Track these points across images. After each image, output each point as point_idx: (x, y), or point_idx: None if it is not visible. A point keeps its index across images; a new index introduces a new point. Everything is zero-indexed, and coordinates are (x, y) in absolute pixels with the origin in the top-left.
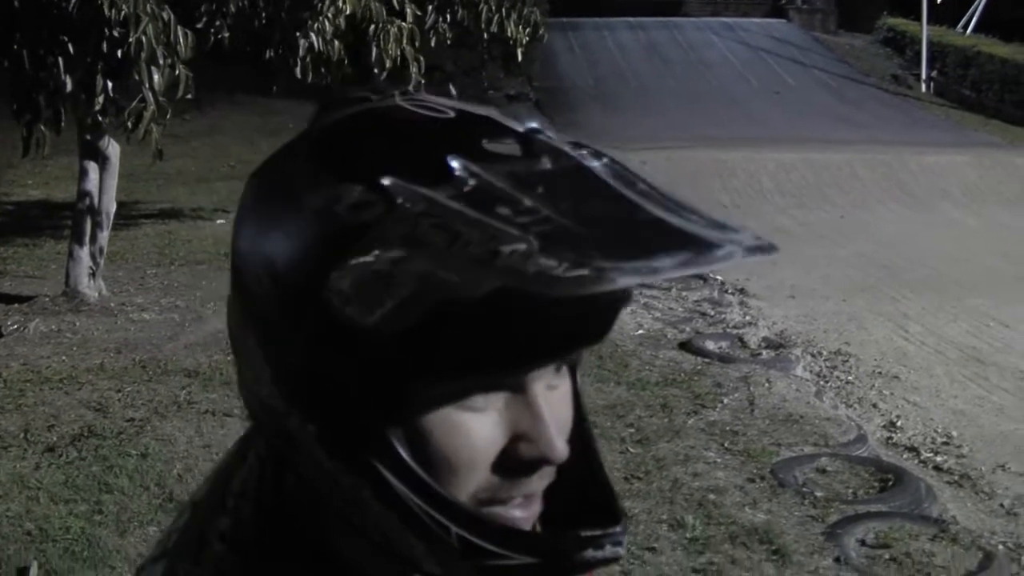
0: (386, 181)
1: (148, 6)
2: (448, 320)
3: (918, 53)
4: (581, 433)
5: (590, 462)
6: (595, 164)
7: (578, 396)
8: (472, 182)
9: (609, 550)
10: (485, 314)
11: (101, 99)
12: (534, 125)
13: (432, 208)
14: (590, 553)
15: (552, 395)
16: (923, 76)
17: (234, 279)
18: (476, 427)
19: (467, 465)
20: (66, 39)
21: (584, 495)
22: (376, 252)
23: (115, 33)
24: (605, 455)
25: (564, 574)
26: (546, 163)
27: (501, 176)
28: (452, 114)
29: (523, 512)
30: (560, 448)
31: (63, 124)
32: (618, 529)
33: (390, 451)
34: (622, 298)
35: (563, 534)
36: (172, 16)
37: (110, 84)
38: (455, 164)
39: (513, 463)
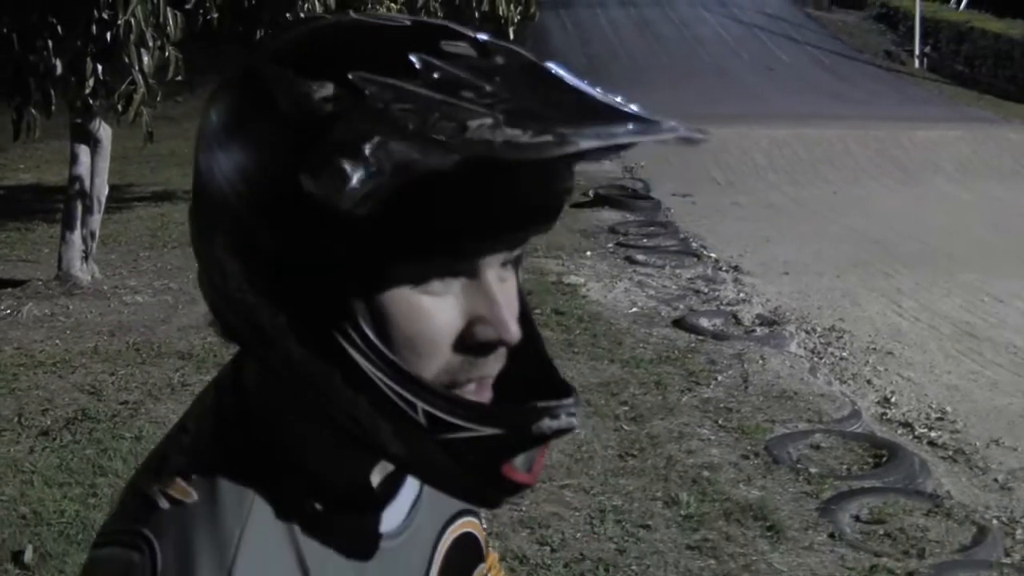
0: (352, 75)
1: None
2: (413, 201)
3: (911, 29)
4: (525, 324)
5: (537, 351)
6: (547, 63)
7: (521, 292)
8: (435, 74)
9: (564, 420)
10: (446, 196)
11: (91, 82)
12: (487, 36)
13: (400, 95)
14: (547, 423)
15: (503, 286)
16: (916, 52)
17: (198, 187)
18: (436, 310)
19: (429, 346)
20: (55, 21)
21: (533, 380)
22: (350, 138)
23: (104, 15)
24: (600, 433)
25: (525, 444)
26: (501, 60)
27: (462, 68)
28: (408, 22)
29: (477, 397)
30: (514, 330)
31: (53, 107)
32: (571, 400)
33: (358, 333)
34: (567, 189)
35: (522, 406)
36: None
37: (100, 67)
38: (417, 58)
39: (471, 344)
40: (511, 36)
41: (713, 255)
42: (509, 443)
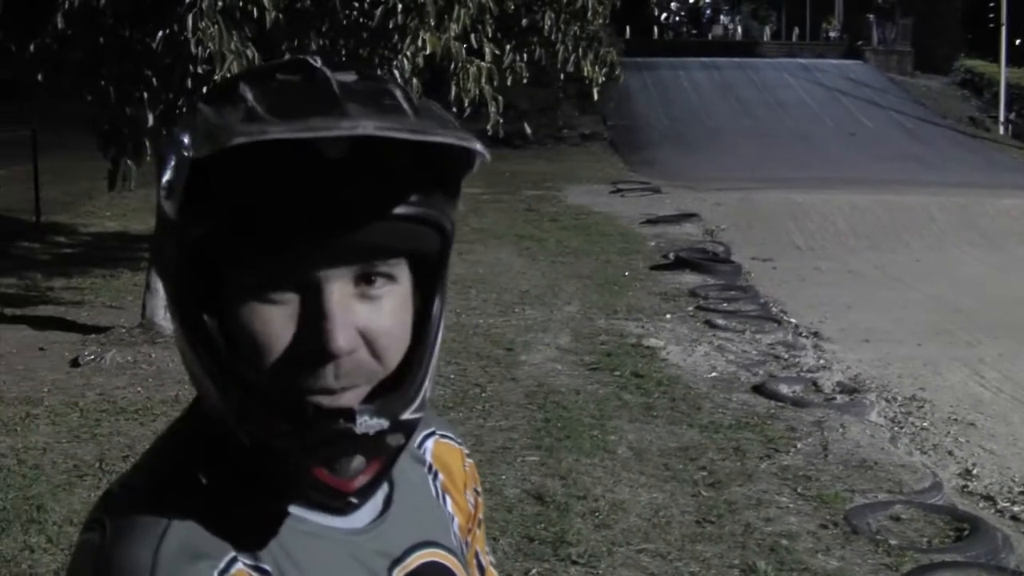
0: (203, 109)
1: (233, 44)
2: (242, 218)
3: (996, 95)
4: (417, 348)
5: (410, 370)
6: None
7: (430, 316)
8: (249, 99)
9: (362, 422)
10: (261, 208)
11: None
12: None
13: (203, 122)
14: (337, 424)
15: (361, 303)
16: (1001, 118)
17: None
18: (272, 316)
19: (265, 347)
20: (150, 74)
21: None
22: (169, 160)
23: (200, 70)
24: (677, 498)
25: (317, 449)
26: (304, 79)
27: (270, 90)
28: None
29: (329, 404)
30: (337, 342)
31: (148, 157)
32: (371, 406)
33: (201, 330)
34: (369, 194)
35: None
36: (256, 54)
37: None
38: (245, 87)
39: (301, 350)
40: (595, 97)
41: (793, 320)
42: (301, 443)
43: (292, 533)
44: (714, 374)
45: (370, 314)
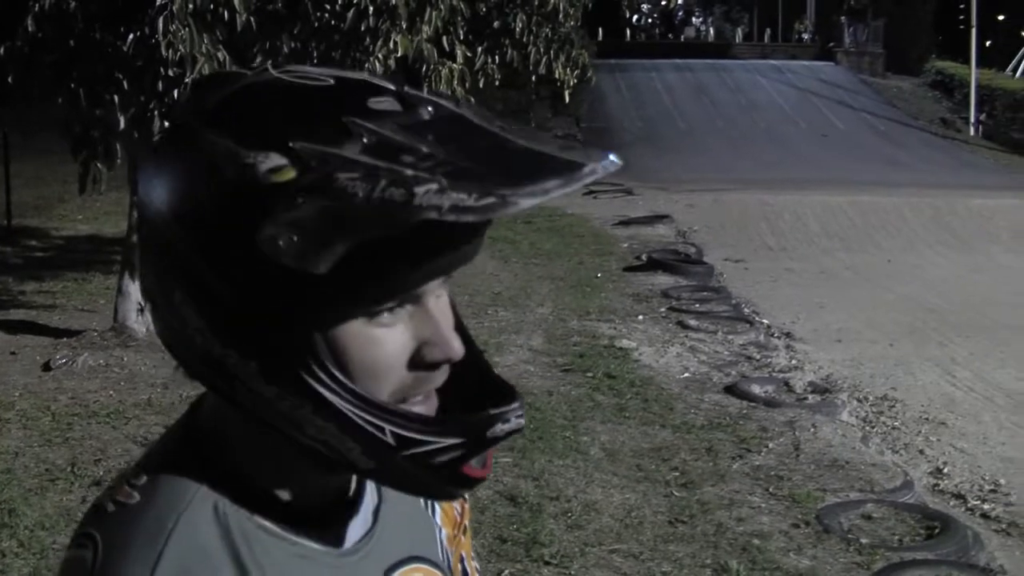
0: (294, 145)
1: (204, 46)
2: (361, 255)
3: (967, 96)
4: (462, 332)
5: (475, 357)
6: (463, 111)
7: (453, 304)
8: (372, 137)
9: (515, 422)
10: (393, 248)
11: (157, 138)
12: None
13: (344, 164)
14: (500, 427)
15: (439, 303)
16: (972, 119)
17: (149, 242)
18: (388, 339)
19: (385, 371)
20: (121, 77)
21: (477, 385)
22: (299, 207)
23: (171, 72)
24: (650, 498)
25: (482, 448)
26: (425, 114)
27: (393, 129)
28: (331, 81)
29: (424, 408)
30: (457, 347)
31: (119, 160)
32: (517, 404)
33: (324, 371)
34: (486, 225)
35: (476, 414)
36: (227, 57)
37: (165, 123)
38: (351, 123)
39: (421, 364)
40: (567, 99)
41: (765, 321)
42: (468, 449)
43: (285, 555)
44: (686, 375)
45: (446, 310)
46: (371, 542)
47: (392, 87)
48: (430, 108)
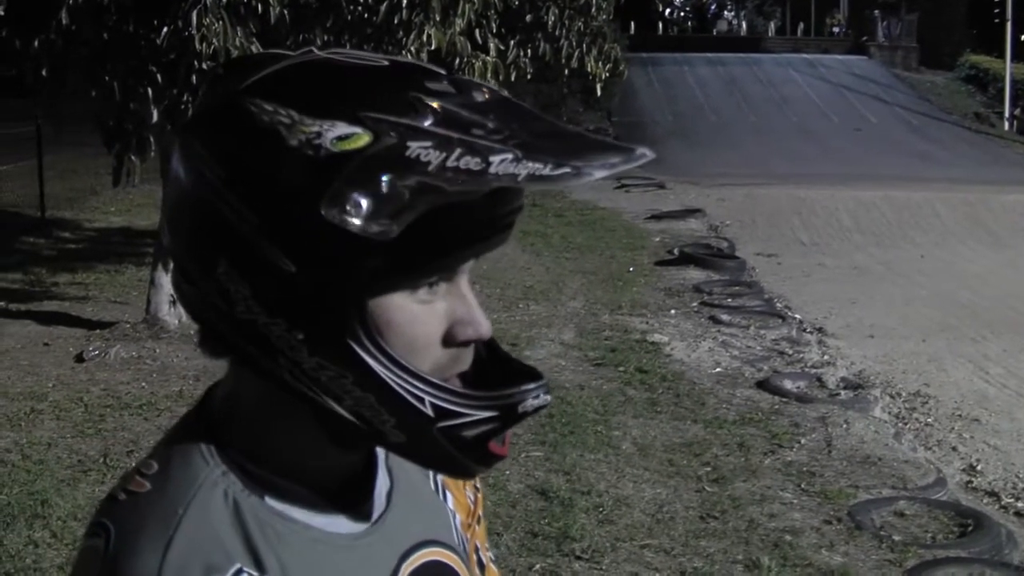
0: (362, 114)
1: (237, 39)
2: (424, 225)
3: (1001, 90)
4: None
5: (493, 344)
6: (509, 96)
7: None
8: (440, 111)
9: (542, 398)
10: (453, 221)
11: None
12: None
13: (416, 133)
14: (531, 402)
15: (468, 283)
16: (1006, 114)
17: (186, 214)
18: (428, 315)
19: (424, 347)
20: (155, 70)
21: (498, 370)
22: (369, 174)
23: (204, 65)
24: (681, 493)
25: (511, 423)
26: (479, 96)
27: (456, 105)
28: (386, 63)
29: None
30: (487, 326)
31: (152, 153)
32: (543, 381)
33: (371, 341)
34: (521, 207)
35: (507, 390)
36: (260, 50)
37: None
38: (416, 98)
39: (455, 342)
40: (599, 93)
41: (798, 316)
42: (499, 423)
43: (299, 540)
44: (718, 370)
45: (473, 293)
46: (385, 525)
47: (443, 72)
48: (484, 92)
